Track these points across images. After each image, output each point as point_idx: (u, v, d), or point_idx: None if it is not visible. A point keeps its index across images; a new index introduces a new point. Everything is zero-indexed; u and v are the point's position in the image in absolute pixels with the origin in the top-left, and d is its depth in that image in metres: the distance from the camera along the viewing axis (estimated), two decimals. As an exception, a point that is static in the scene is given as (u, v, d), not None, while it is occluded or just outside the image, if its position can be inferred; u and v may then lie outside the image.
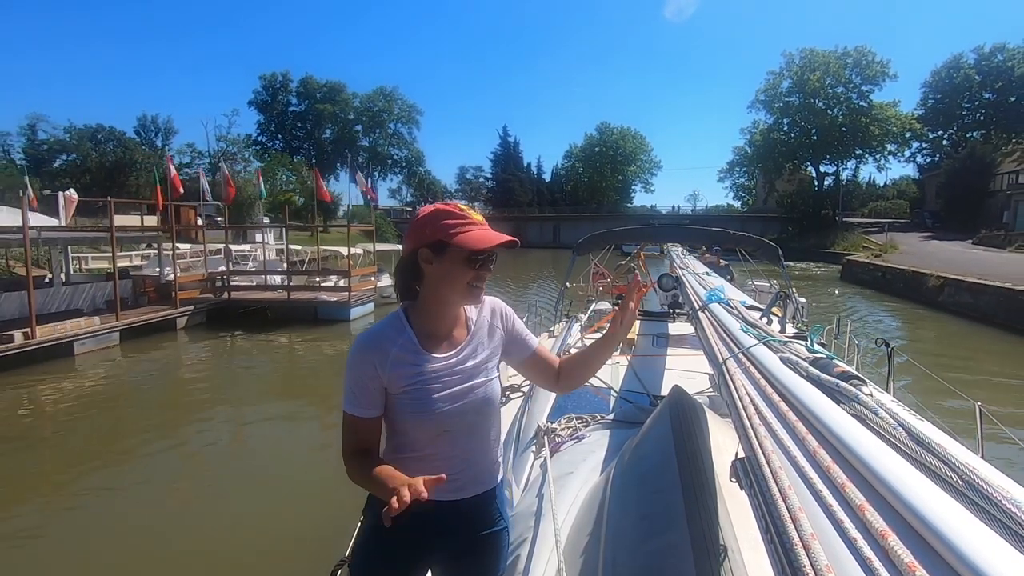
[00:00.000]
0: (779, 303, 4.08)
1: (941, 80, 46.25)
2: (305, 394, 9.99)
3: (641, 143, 64.35)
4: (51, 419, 8.44)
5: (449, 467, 1.41)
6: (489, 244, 1.37)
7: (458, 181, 70.71)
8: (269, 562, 4.67)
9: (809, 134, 46.32)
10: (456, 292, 1.40)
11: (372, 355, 1.37)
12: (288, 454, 7.10)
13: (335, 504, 4.54)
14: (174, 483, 6.21)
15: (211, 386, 10.20)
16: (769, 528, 0.83)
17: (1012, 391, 9.29)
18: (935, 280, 17.15)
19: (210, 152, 49.80)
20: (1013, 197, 31.28)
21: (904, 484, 0.73)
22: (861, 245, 32.12)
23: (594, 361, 1.62)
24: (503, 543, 1.55)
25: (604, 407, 3.27)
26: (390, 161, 62.67)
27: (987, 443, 3.17)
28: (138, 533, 5.14)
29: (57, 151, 45.82)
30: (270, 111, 59.94)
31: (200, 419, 8.37)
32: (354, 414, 1.38)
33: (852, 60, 44.26)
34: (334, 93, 59.21)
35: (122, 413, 8.77)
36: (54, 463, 6.98)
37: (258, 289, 16.10)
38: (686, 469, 1.43)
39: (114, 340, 11.82)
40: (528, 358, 1.58)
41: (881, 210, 51.55)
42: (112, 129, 45.60)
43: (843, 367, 1.17)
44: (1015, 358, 11.22)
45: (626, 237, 7.78)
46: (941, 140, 48.77)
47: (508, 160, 67.75)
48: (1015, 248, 23.54)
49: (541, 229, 56.73)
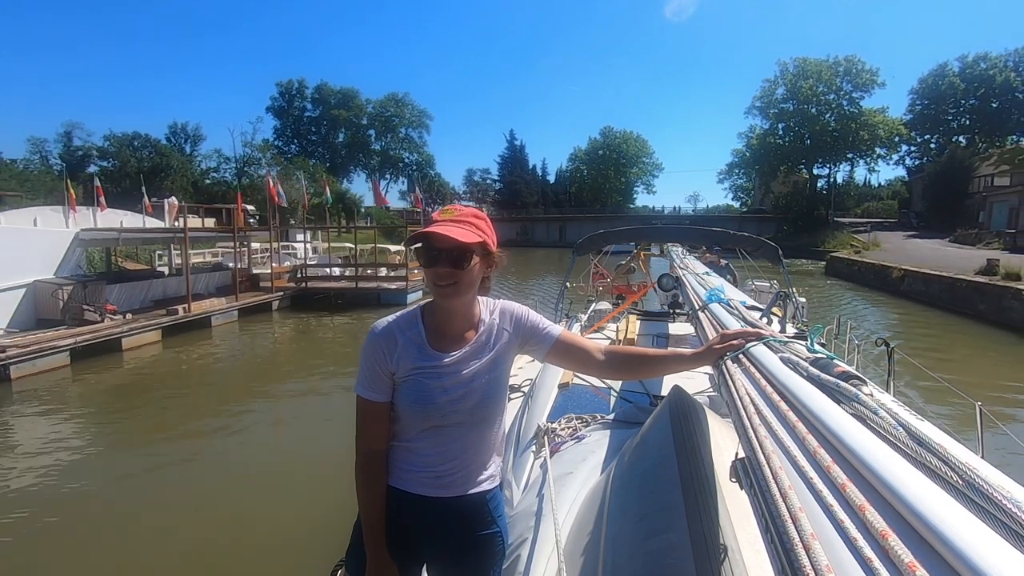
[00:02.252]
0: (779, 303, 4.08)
1: (928, 87, 49.38)
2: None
3: (643, 146, 66.62)
4: (201, 369, 11.73)
5: (438, 463, 1.45)
6: (411, 236, 1.41)
7: (466, 183, 73.11)
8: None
9: (802, 138, 48.80)
10: (431, 291, 1.43)
11: (383, 342, 1.43)
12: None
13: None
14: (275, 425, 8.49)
15: (302, 354, 13.17)
16: (769, 528, 0.83)
17: (943, 352, 12.23)
18: (897, 272, 20.61)
19: (236, 157, 53.50)
20: (988, 198, 33.71)
21: (904, 484, 0.73)
22: (848, 243, 34.25)
23: (654, 368, 1.69)
24: (496, 546, 1.53)
25: (604, 407, 3.27)
26: (401, 164, 65.37)
27: (987, 444, 3.17)
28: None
29: (94, 157, 49.03)
30: (286, 116, 62.91)
31: (296, 380, 10.86)
32: (364, 396, 1.44)
33: (843, 68, 46.99)
34: (348, 99, 61.79)
35: (244, 369, 11.90)
36: (207, 400, 9.69)
37: (328, 279, 19.55)
38: (686, 469, 1.43)
39: (234, 316, 15.56)
40: (552, 349, 1.54)
41: (874, 210, 54.67)
42: (148, 136, 49.30)
43: (843, 367, 1.17)
44: (951, 330, 14.78)
45: (626, 237, 7.76)
46: (929, 144, 51.31)
47: (515, 163, 69.95)
48: (983, 245, 25.83)
49: (548, 229, 58.67)
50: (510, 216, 59.76)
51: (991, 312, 14.72)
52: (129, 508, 5.68)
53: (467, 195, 69.69)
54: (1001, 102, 46.24)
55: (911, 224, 42.20)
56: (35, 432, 7.86)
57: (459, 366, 1.43)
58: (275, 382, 10.82)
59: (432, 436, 1.43)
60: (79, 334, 11.11)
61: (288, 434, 8.11)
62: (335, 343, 14.49)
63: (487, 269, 1.46)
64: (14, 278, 11.67)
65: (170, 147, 51.02)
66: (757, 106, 50.94)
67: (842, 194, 53.65)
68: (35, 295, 12.06)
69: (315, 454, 6.93)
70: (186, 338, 13.25)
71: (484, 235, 1.40)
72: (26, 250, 12.31)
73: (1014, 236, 25.10)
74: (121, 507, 5.72)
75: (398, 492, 1.45)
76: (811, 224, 44.93)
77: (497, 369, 1.47)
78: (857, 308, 18.49)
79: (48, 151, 49.17)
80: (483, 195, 70.36)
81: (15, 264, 11.82)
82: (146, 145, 48.28)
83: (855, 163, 51.66)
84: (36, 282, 12.12)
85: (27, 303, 11.92)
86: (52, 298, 11.97)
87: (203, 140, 55.74)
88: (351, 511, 1.51)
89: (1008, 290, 14.32)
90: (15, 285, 11.68)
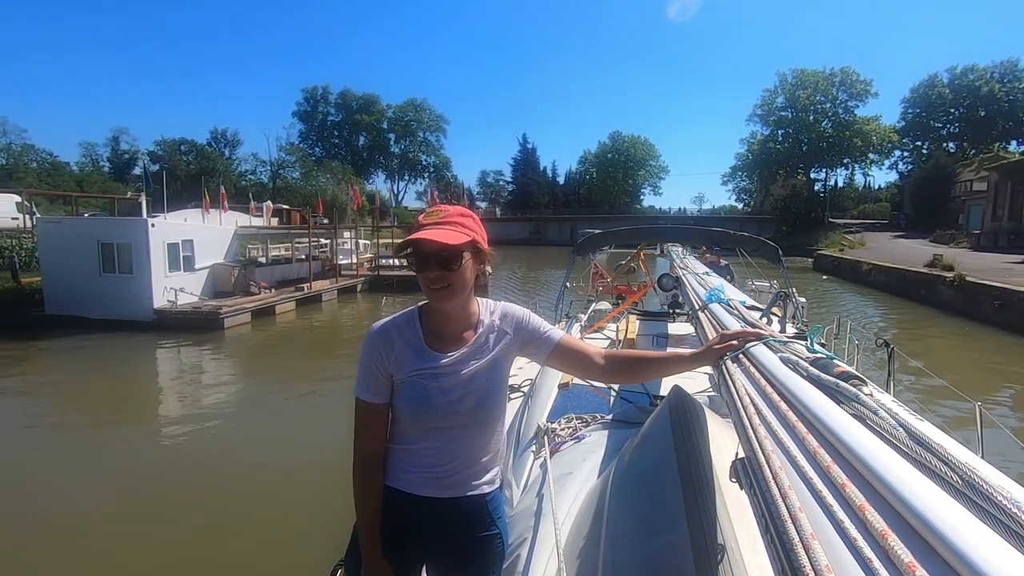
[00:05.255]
0: (779, 303, 4.08)
1: (919, 96, 53.51)
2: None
3: (650, 150, 69.69)
4: (312, 332, 15.85)
5: (437, 463, 1.44)
6: (400, 243, 1.40)
7: (479, 184, 76.50)
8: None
9: (800, 144, 52.10)
10: (425, 294, 1.42)
11: (381, 344, 1.42)
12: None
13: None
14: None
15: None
16: (769, 528, 0.83)
17: (891, 324, 16.22)
18: (867, 266, 24.37)
19: (271, 160, 59.27)
20: (967, 202, 37.00)
21: (904, 484, 0.73)
22: (839, 243, 36.00)
23: (654, 371, 1.67)
24: (496, 548, 1.52)
25: (604, 407, 3.27)
26: (419, 166, 69.67)
27: (987, 444, 3.17)
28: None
29: (139, 159, 55.08)
30: (311, 121, 67.61)
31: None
32: (362, 398, 1.44)
33: (839, 79, 50.72)
34: (369, 104, 66.45)
35: (349, 330, 15.64)
36: (315, 358, 12.82)
37: (392, 268, 22.90)
38: (686, 469, 1.42)
39: (334, 295, 19.93)
40: (552, 352, 1.53)
41: (869, 212, 58.22)
42: (194, 141, 54.95)
43: (843, 367, 1.17)
44: (896, 309, 18.49)
45: (626, 237, 7.75)
46: (921, 149, 55.18)
47: (527, 165, 73.30)
48: (955, 244, 28.80)
49: (559, 228, 61.20)
50: (523, 216, 63.74)
51: (928, 296, 18.00)
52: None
53: (481, 196, 72.84)
54: (988, 111, 50.18)
55: (900, 225, 44.97)
56: (241, 358, 12.80)
57: (458, 367, 1.42)
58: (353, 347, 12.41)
59: (432, 437, 1.42)
60: (252, 301, 15.79)
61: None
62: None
63: (480, 267, 1.45)
64: (204, 262, 16.35)
65: (213, 151, 55.54)
66: (758, 114, 54.26)
67: (841, 196, 56.76)
68: (214, 274, 16.68)
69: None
70: (307, 308, 17.86)
71: (473, 233, 1.39)
72: (208, 243, 16.70)
73: (979, 236, 28.98)
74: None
75: (398, 493, 1.45)
76: (808, 225, 47.02)
77: (497, 370, 1.47)
78: (834, 295, 22.00)
79: (98, 154, 55.08)
80: (496, 196, 73.57)
81: (204, 253, 16.31)
82: (192, 150, 53.38)
83: (851, 168, 55.23)
84: (215, 265, 16.77)
85: (210, 279, 16.57)
86: (226, 276, 16.76)
87: (240, 144, 61.35)
88: (351, 510, 1.51)
89: (940, 278, 17.50)
90: (204, 267, 16.37)
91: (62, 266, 14.27)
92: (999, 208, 29.45)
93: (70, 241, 14.32)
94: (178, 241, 15.20)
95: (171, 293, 14.44)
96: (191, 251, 15.67)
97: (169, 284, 14.57)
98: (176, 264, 15.09)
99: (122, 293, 14.05)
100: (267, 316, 15.77)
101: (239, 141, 60.35)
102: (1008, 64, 50.27)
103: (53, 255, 14.52)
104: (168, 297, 14.39)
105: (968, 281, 15.90)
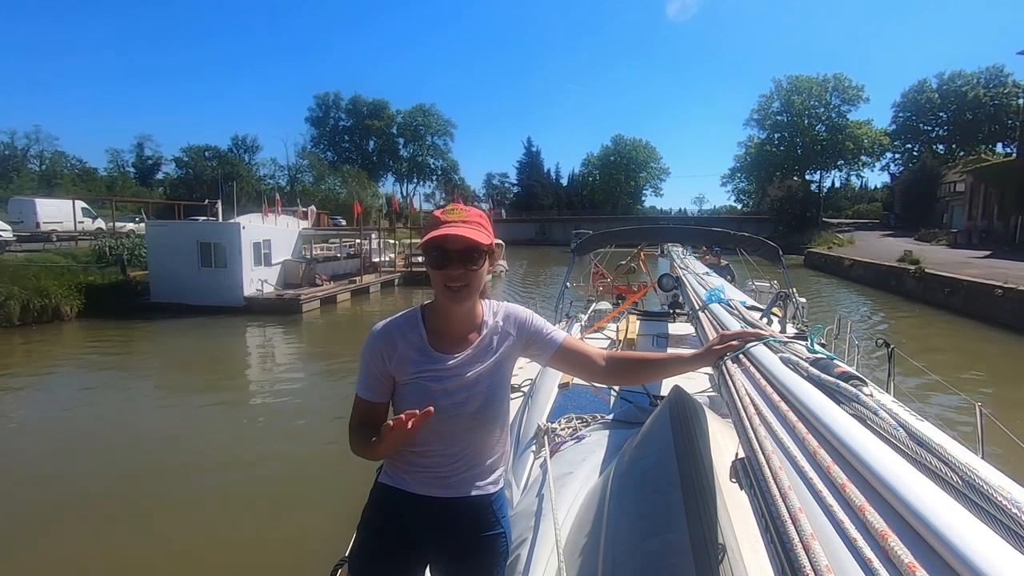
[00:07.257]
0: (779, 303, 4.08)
1: (909, 100, 56.17)
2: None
3: (652, 153, 71.79)
4: (370, 317, 17.11)
5: (442, 465, 1.43)
6: (425, 239, 1.36)
7: (485, 186, 78.62)
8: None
9: (795, 147, 54.12)
10: (440, 294, 1.40)
11: (382, 345, 1.41)
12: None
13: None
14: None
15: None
16: (769, 528, 0.83)
17: (863, 308, 19.05)
18: (848, 262, 27.26)
19: (288, 165, 61.89)
20: (951, 202, 39.74)
21: (904, 484, 0.73)
22: (830, 241, 37.69)
23: (655, 372, 1.66)
24: (500, 548, 1.52)
25: (604, 407, 3.27)
26: (428, 170, 71.62)
27: (987, 444, 3.17)
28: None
29: (162, 165, 58.31)
30: (323, 126, 69.81)
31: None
32: (362, 396, 1.44)
33: (832, 85, 53.04)
34: (379, 110, 68.55)
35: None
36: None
37: (423, 264, 23.74)
38: (686, 469, 1.42)
39: (378, 288, 22.33)
40: (555, 354, 1.53)
41: (863, 212, 60.70)
42: (217, 148, 57.37)
43: (843, 367, 1.16)
44: (871, 296, 21.30)
45: (626, 237, 7.74)
46: (911, 152, 57.36)
47: (532, 167, 75.62)
48: (935, 242, 31.15)
49: (564, 229, 63.18)
50: (529, 217, 66.57)
51: (897, 286, 20.74)
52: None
53: (486, 197, 74.00)
54: (974, 114, 52.87)
55: (890, 224, 47.14)
56: (318, 334, 15.64)
57: (462, 368, 1.41)
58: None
59: (436, 440, 1.41)
60: (319, 292, 18.40)
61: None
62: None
63: (490, 268, 1.46)
64: (278, 258, 19.20)
65: (235, 156, 57.49)
66: (755, 118, 56.76)
67: (837, 197, 59.11)
68: (285, 268, 19.46)
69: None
70: (359, 299, 20.55)
71: (491, 236, 1.40)
72: (281, 242, 19.52)
73: (955, 235, 31.24)
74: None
75: (402, 493, 1.45)
76: (803, 224, 48.88)
77: (500, 372, 1.46)
78: (817, 287, 24.02)
79: (124, 160, 57.37)
80: (502, 198, 75.40)
81: (278, 250, 19.16)
82: (215, 156, 55.68)
83: (844, 170, 57.86)
84: (285, 260, 19.59)
85: (282, 273, 19.24)
86: (295, 270, 19.57)
87: (259, 150, 63.31)
88: (352, 510, 1.51)
89: (906, 271, 20.17)
90: (278, 262, 19.19)
91: (166, 262, 17.06)
92: (975, 208, 31.73)
93: (173, 241, 17.07)
94: (260, 241, 18.07)
95: (257, 284, 17.54)
96: (269, 249, 18.54)
97: (255, 276, 17.52)
98: (259, 260, 17.97)
99: (218, 284, 16.83)
100: (330, 304, 18.62)
101: (258, 147, 63.28)
102: (993, 70, 53.28)
103: (158, 253, 17.33)
104: (255, 287, 17.40)
105: (927, 272, 18.77)
